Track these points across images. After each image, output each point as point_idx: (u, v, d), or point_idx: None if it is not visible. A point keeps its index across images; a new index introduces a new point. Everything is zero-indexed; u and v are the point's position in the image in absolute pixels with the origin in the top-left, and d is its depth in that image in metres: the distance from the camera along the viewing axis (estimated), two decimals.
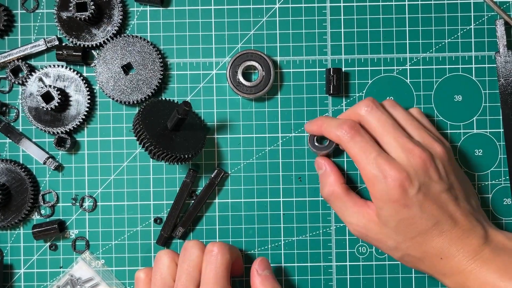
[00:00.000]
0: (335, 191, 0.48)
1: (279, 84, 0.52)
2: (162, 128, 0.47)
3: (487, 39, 0.52)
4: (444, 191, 0.44)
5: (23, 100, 0.51)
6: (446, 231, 0.44)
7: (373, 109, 0.46)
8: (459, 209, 0.44)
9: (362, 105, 0.46)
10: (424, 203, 0.43)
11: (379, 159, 0.44)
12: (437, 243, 0.44)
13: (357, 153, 0.45)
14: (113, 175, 0.52)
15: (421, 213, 0.44)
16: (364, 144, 0.45)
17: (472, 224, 0.44)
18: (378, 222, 0.45)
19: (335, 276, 0.52)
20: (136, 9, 0.52)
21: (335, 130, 0.46)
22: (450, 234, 0.44)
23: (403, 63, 0.52)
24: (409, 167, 0.43)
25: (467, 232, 0.44)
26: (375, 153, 0.44)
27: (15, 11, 0.52)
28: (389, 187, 0.43)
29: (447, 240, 0.44)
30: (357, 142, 0.45)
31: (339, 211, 0.48)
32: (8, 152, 0.52)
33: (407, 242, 0.45)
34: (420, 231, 0.44)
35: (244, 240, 0.52)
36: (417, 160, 0.44)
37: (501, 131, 0.52)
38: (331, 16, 0.52)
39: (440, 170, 0.44)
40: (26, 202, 0.51)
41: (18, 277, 0.52)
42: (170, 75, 0.52)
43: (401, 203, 0.43)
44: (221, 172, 0.51)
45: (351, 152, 0.45)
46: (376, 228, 0.46)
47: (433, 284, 0.52)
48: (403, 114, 0.48)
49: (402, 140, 0.44)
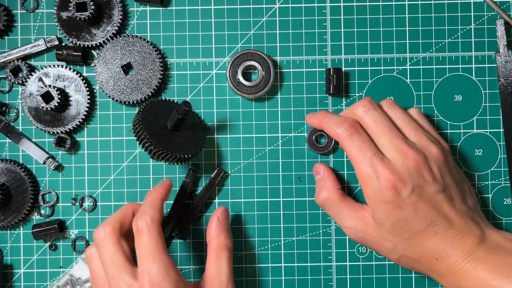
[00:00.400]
0: (331, 196, 0.48)
1: (279, 84, 0.52)
2: (162, 128, 0.47)
3: (487, 39, 0.52)
4: (438, 192, 0.44)
5: (23, 100, 0.51)
6: (440, 231, 0.44)
7: (369, 110, 0.46)
8: (454, 209, 0.45)
9: (359, 105, 0.47)
10: (417, 204, 0.44)
11: (374, 159, 0.44)
12: (432, 244, 0.44)
13: (353, 151, 0.45)
14: (113, 175, 0.52)
15: (415, 214, 0.44)
16: (361, 143, 0.45)
17: (468, 224, 0.44)
18: (374, 225, 0.46)
19: (335, 276, 0.52)
20: (136, 9, 0.52)
21: (334, 127, 0.46)
22: (445, 235, 0.44)
23: (403, 63, 0.52)
24: (403, 169, 0.44)
25: (462, 232, 0.44)
26: (370, 153, 0.45)
27: (15, 11, 0.52)
28: (382, 187, 0.44)
29: (442, 241, 0.44)
30: (355, 141, 0.45)
31: (336, 216, 0.49)
32: (8, 152, 0.52)
33: (403, 244, 0.45)
34: (415, 232, 0.44)
35: (244, 240, 0.52)
36: (411, 162, 0.44)
37: (501, 131, 0.52)
38: (331, 16, 0.52)
39: (435, 171, 0.45)
40: (26, 202, 0.51)
41: (18, 277, 0.52)
42: (170, 75, 0.52)
43: (395, 204, 0.44)
44: (221, 172, 0.51)
45: (348, 150, 0.46)
46: (373, 231, 0.46)
47: (432, 284, 0.52)
48: (400, 114, 0.48)
49: (397, 142, 0.45)
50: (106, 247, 0.44)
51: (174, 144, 0.47)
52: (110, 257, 0.44)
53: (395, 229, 0.45)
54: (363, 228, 0.46)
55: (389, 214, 0.44)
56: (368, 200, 0.45)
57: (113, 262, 0.43)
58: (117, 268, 0.43)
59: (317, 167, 0.51)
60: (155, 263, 0.42)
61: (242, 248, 0.52)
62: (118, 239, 0.44)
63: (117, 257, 0.44)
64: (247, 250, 0.52)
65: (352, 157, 0.45)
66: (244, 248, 0.52)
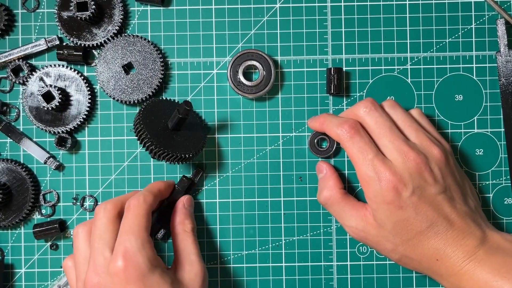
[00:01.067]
0: (333, 195, 0.48)
1: (280, 84, 0.52)
2: (163, 127, 0.47)
3: (488, 39, 0.52)
4: (439, 193, 0.44)
5: (24, 100, 0.51)
6: (441, 232, 0.44)
7: (371, 110, 0.46)
8: (455, 210, 0.45)
9: (361, 105, 0.47)
10: (418, 205, 0.44)
11: (375, 160, 0.44)
12: (433, 245, 0.44)
13: (354, 153, 0.45)
14: (114, 175, 0.52)
15: (416, 215, 0.44)
16: (362, 144, 0.45)
17: (469, 225, 0.45)
18: (375, 224, 0.46)
19: (336, 275, 0.52)
20: (136, 8, 0.52)
21: (335, 128, 0.46)
22: (445, 236, 0.44)
23: (404, 63, 0.52)
24: (404, 170, 0.44)
25: (463, 233, 0.44)
26: (372, 154, 0.45)
27: (15, 10, 0.52)
28: (383, 188, 0.44)
29: (443, 242, 0.44)
30: (356, 142, 0.45)
31: (338, 215, 0.49)
32: (9, 151, 0.52)
33: (404, 244, 0.45)
34: (416, 232, 0.44)
35: (245, 239, 0.52)
36: (412, 163, 0.44)
37: (502, 131, 0.52)
38: (331, 15, 0.52)
39: (436, 173, 0.45)
40: (27, 201, 0.51)
41: (19, 277, 0.52)
42: (170, 75, 0.52)
43: (395, 204, 0.44)
44: (200, 171, 0.51)
45: (349, 151, 0.46)
46: (374, 231, 0.46)
47: (433, 284, 0.52)
48: (402, 115, 0.48)
49: (398, 143, 0.45)
50: (100, 220, 0.45)
51: (175, 143, 0.47)
52: (100, 231, 0.44)
53: (396, 230, 0.45)
54: (364, 227, 0.46)
55: (390, 215, 0.44)
56: (369, 201, 0.45)
57: (100, 236, 0.44)
58: (102, 241, 0.43)
59: (319, 165, 0.51)
60: (133, 236, 0.43)
61: (243, 248, 0.52)
62: (114, 218, 0.45)
63: (107, 232, 0.44)
64: (248, 249, 0.52)
65: (353, 159, 0.45)
66: (245, 247, 0.52)
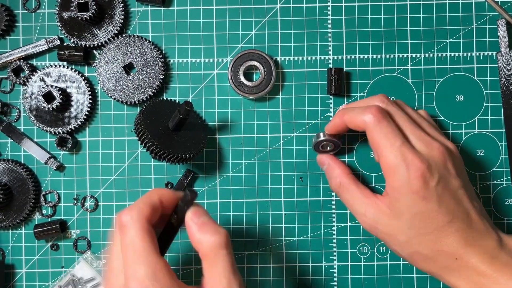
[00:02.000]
0: (342, 182, 0.48)
1: (281, 84, 0.52)
2: (164, 128, 0.47)
3: (489, 39, 0.52)
4: (460, 187, 0.44)
5: (24, 100, 0.51)
6: (461, 229, 0.43)
7: (388, 104, 0.46)
8: (473, 207, 0.44)
9: (376, 99, 0.46)
10: (442, 196, 0.43)
11: (403, 147, 0.43)
12: (453, 242, 0.43)
13: (381, 138, 0.43)
14: (115, 175, 0.52)
15: (439, 207, 0.43)
16: (390, 130, 0.43)
17: (486, 226, 0.44)
18: (389, 213, 0.44)
19: (337, 276, 0.52)
20: (137, 9, 0.52)
21: (361, 115, 0.44)
22: (465, 234, 0.43)
23: (405, 63, 0.52)
24: (430, 159, 0.43)
25: (481, 233, 0.43)
26: (399, 141, 0.43)
27: (16, 11, 0.52)
28: (410, 177, 0.42)
29: (463, 240, 0.43)
30: (384, 127, 0.43)
31: (348, 202, 0.48)
32: (9, 152, 0.52)
33: (419, 238, 0.44)
34: (436, 227, 0.43)
35: (246, 240, 0.52)
36: (436, 152, 0.43)
37: (502, 131, 0.52)
38: (332, 16, 0.52)
39: (456, 166, 0.44)
40: (27, 202, 0.51)
41: (20, 277, 0.52)
42: (171, 75, 0.52)
43: (420, 194, 0.42)
44: (190, 173, 0.51)
45: (375, 137, 0.44)
46: (386, 220, 0.44)
47: (434, 285, 0.52)
48: (412, 113, 0.48)
49: (420, 134, 0.44)
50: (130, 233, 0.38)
51: (175, 144, 0.47)
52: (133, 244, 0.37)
53: (414, 222, 0.43)
54: (375, 215, 0.45)
55: (412, 206, 0.43)
56: (392, 190, 0.43)
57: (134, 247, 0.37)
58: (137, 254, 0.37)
59: (320, 158, 0.51)
60: (142, 267, 0.36)
61: (244, 248, 0.52)
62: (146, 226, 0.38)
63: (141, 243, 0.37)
64: (249, 250, 0.52)
65: (379, 145, 0.43)
66: (246, 248, 0.52)
